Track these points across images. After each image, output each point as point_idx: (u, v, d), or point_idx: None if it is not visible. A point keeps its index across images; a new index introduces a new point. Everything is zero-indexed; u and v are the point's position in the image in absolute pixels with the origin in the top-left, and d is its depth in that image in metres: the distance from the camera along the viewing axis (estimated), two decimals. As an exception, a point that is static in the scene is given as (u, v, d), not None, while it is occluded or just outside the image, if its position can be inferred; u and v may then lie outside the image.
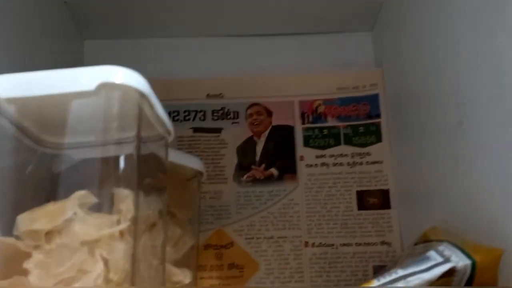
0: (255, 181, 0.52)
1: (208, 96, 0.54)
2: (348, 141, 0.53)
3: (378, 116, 0.53)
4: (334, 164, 0.52)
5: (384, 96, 0.53)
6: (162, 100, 0.34)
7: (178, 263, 0.42)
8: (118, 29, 0.55)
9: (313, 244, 0.49)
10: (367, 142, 0.53)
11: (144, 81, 0.32)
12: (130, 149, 0.32)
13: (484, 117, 0.32)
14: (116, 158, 0.32)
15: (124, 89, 0.31)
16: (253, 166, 0.52)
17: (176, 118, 0.53)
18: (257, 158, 0.53)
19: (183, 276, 0.41)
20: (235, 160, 0.53)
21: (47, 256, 0.28)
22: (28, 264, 0.28)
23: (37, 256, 0.28)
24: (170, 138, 0.38)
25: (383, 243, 0.49)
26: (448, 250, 0.30)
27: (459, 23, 0.36)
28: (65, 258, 0.28)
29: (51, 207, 0.29)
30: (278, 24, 0.56)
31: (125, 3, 0.51)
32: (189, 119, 0.54)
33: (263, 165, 0.52)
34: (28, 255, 0.28)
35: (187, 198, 0.45)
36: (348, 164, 0.52)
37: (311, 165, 0.52)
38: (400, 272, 0.29)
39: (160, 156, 0.38)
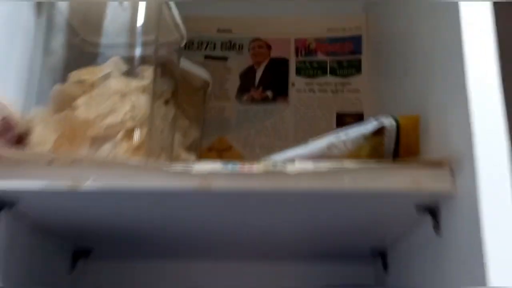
0: (253, 100, 0.63)
1: (218, 30, 0.65)
2: (333, 73, 0.63)
3: (360, 53, 0.64)
4: (320, 91, 0.63)
5: (367, 37, 0.64)
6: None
7: (187, 149, 0.53)
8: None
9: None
10: (348, 74, 0.63)
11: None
12: (151, 36, 0.43)
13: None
14: (140, 42, 0.43)
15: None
16: (252, 89, 0.63)
17: (191, 47, 0.64)
18: (256, 82, 0.63)
19: (189, 157, 0.52)
20: (237, 83, 0.64)
21: (90, 99, 0.39)
22: (77, 103, 0.39)
23: (83, 98, 0.39)
24: (182, 43, 0.49)
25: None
26: (383, 117, 0.41)
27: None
28: (102, 101, 0.39)
29: (93, 68, 0.41)
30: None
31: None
32: (201, 49, 0.65)
33: (260, 88, 0.63)
34: (76, 98, 0.40)
35: (195, 101, 0.56)
36: (332, 91, 0.63)
37: (300, 90, 0.63)
38: (345, 129, 0.40)
39: (173, 54, 0.49)
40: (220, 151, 0.61)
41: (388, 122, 0.40)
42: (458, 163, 0.34)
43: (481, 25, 0.34)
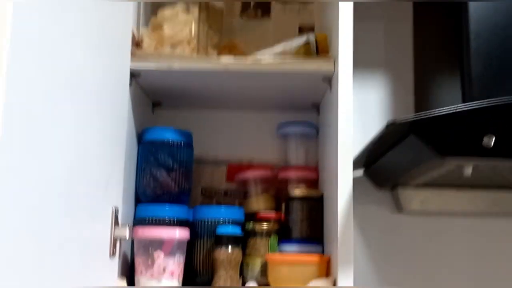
0: (249, 17, 1.04)
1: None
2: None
3: None
4: (289, 11, 1.04)
5: (319, -23, 1.04)
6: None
7: (212, 47, 0.96)
8: None
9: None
10: (307, 1, 1.04)
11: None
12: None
13: None
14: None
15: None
16: (248, 9, 1.05)
17: (212, -18, 1.04)
18: (252, 5, 1.05)
19: (213, 52, 0.96)
20: (240, 6, 1.05)
21: (169, 25, 0.82)
22: (164, 27, 0.82)
23: (166, 25, 0.82)
24: (211, -11, 0.90)
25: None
26: (310, 35, 0.83)
27: None
28: (176, 26, 0.82)
29: (170, 9, 0.83)
30: None
31: None
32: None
33: (255, 9, 1.05)
34: (163, 24, 0.82)
35: (216, 19, 0.98)
36: (296, 11, 1.04)
37: (278, 11, 1.04)
38: (292, 40, 0.83)
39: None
40: (230, 48, 1.04)
41: (311, 37, 0.83)
42: (336, 58, 0.77)
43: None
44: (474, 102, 0.59)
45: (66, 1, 0.52)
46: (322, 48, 0.84)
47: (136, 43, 0.82)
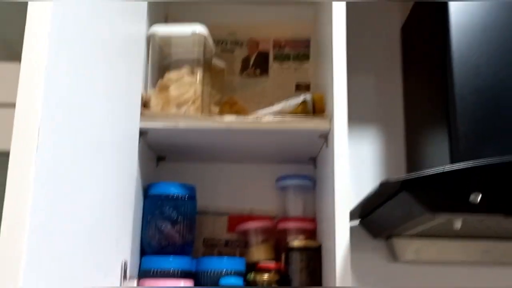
0: (248, 76, 1.11)
1: (229, 33, 1.13)
2: (294, 59, 1.11)
3: (309, 48, 1.11)
4: (286, 70, 1.11)
5: (313, 39, 1.11)
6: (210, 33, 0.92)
7: (214, 104, 1.02)
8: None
9: (273, 104, 1.09)
10: (303, 60, 1.11)
11: (206, 30, 0.90)
12: (200, 55, 0.91)
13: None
14: (196, 58, 0.91)
15: (199, 33, 0.90)
16: (248, 69, 1.11)
17: (214, 44, 1.11)
18: (250, 65, 1.11)
19: (215, 109, 1.01)
20: (240, 65, 1.11)
21: (175, 86, 0.88)
22: (170, 88, 0.88)
23: (172, 86, 0.88)
24: (213, 52, 0.97)
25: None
26: (307, 94, 0.89)
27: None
28: (181, 87, 0.88)
29: (176, 71, 0.89)
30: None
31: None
32: (219, 45, 1.12)
33: (253, 68, 1.11)
34: (168, 86, 0.88)
35: (218, 79, 1.05)
36: (293, 70, 1.11)
37: (275, 70, 1.11)
38: (289, 99, 0.89)
39: (209, 59, 0.97)
40: (231, 104, 1.10)
41: (308, 97, 0.89)
42: (332, 117, 0.83)
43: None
44: (461, 163, 0.64)
45: (89, 65, 0.58)
46: (319, 107, 0.90)
47: (144, 103, 0.88)
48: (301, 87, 1.10)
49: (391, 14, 1.14)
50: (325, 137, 0.87)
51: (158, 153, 1.02)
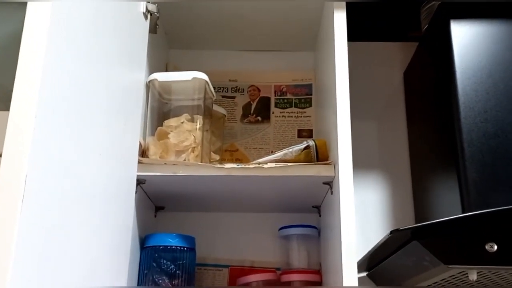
0: (250, 122, 1.09)
1: (229, 80, 1.12)
2: (296, 106, 1.10)
3: (311, 94, 1.10)
4: (288, 116, 1.09)
5: (314, 84, 1.10)
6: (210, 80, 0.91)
7: (214, 152, 0.99)
8: (189, 44, 1.12)
9: (273, 152, 1.06)
10: (305, 107, 1.09)
11: (206, 76, 0.88)
12: (201, 101, 0.89)
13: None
14: (196, 105, 0.89)
15: (200, 79, 0.88)
16: (249, 115, 1.10)
17: (214, 90, 1.10)
18: (252, 111, 1.10)
19: (216, 156, 0.99)
20: (240, 112, 1.10)
21: (174, 133, 0.86)
22: (169, 135, 0.86)
23: (172, 133, 0.86)
24: (214, 98, 0.95)
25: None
26: (310, 141, 0.87)
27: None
28: (180, 135, 0.86)
29: (175, 118, 0.87)
30: (268, 44, 1.12)
31: (195, 33, 1.08)
32: (219, 91, 1.11)
33: (254, 115, 1.09)
34: (168, 133, 0.86)
35: (219, 126, 1.03)
36: (295, 116, 1.09)
37: (277, 116, 1.09)
38: (291, 147, 0.87)
39: (210, 106, 0.95)
40: (231, 152, 1.08)
41: (311, 143, 0.87)
42: (336, 164, 0.80)
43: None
44: (475, 211, 0.61)
45: (84, 113, 0.55)
46: (322, 153, 0.87)
47: (143, 151, 0.85)
48: (304, 133, 1.08)
49: (393, 58, 1.13)
50: (330, 184, 0.84)
51: (157, 203, 0.99)
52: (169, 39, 1.10)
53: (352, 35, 0.85)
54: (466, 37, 0.85)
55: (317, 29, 1.06)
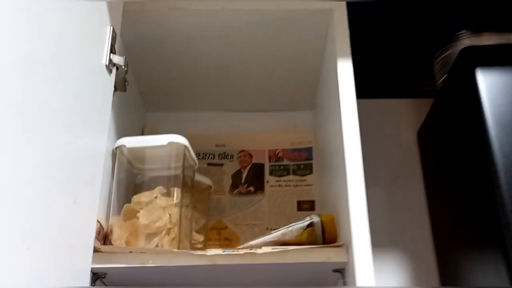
0: (241, 193, 0.92)
1: (216, 145, 0.96)
2: (294, 173, 0.93)
3: (311, 159, 0.94)
4: (286, 185, 0.93)
5: (315, 147, 0.94)
6: (192, 146, 0.75)
7: (197, 232, 0.82)
8: (169, 106, 0.98)
9: (271, 229, 0.89)
10: (304, 174, 0.93)
11: (186, 141, 0.73)
12: (179, 170, 0.73)
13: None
14: (173, 175, 0.73)
15: (178, 144, 0.72)
16: (240, 185, 0.93)
17: (198, 157, 0.94)
18: (243, 181, 0.93)
19: (199, 237, 0.81)
20: (230, 182, 0.93)
21: (145, 212, 0.69)
22: (138, 214, 0.68)
23: (142, 211, 0.69)
24: (196, 166, 0.79)
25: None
26: (314, 216, 0.70)
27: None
28: (153, 212, 0.69)
29: (147, 192, 0.70)
30: (260, 104, 0.97)
31: (174, 93, 0.94)
32: (205, 158, 0.95)
33: (245, 185, 0.93)
34: (137, 212, 0.69)
35: (203, 199, 0.86)
36: (293, 185, 0.93)
37: (272, 186, 0.93)
38: (292, 224, 0.70)
39: (191, 175, 0.79)
40: (219, 230, 0.90)
41: (316, 219, 0.70)
42: (348, 246, 0.63)
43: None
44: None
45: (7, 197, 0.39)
46: (330, 231, 0.70)
47: (105, 236, 0.68)
48: (304, 205, 0.91)
49: (403, 116, 0.99)
50: (342, 272, 0.66)
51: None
52: (145, 100, 0.96)
53: (356, 92, 0.70)
54: (496, 86, 0.70)
55: (316, 84, 0.92)
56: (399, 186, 0.93)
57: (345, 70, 0.71)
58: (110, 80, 0.68)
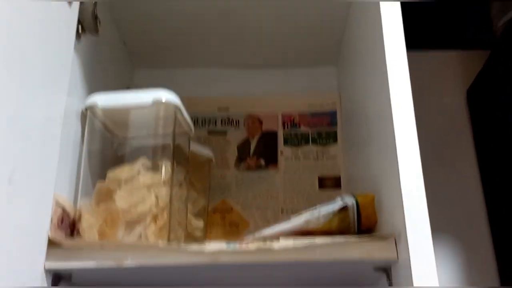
0: (249, 168, 0.75)
1: (219, 109, 0.79)
2: (314, 142, 0.76)
3: (335, 125, 0.77)
4: (304, 158, 0.75)
5: (340, 112, 0.77)
6: (188, 111, 0.58)
7: (195, 216, 0.65)
8: (161, 61, 0.80)
9: (286, 211, 0.72)
10: (327, 143, 0.76)
11: (177, 99, 0.55)
12: (168, 138, 0.56)
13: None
14: (161, 144, 0.55)
15: (166, 104, 0.55)
16: (248, 158, 0.76)
17: (196, 124, 0.77)
18: (251, 152, 0.76)
19: (198, 223, 0.65)
20: (235, 154, 0.76)
21: (125, 192, 0.52)
22: (115, 196, 0.52)
23: (119, 192, 0.52)
24: (191, 133, 0.62)
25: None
26: (347, 197, 0.53)
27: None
28: (134, 193, 0.52)
29: (126, 167, 0.53)
30: (272, 58, 0.79)
31: (167, 45, 0.76)
32: (205, 125, 0.78)
33: (255, 157, 0.76)
34: (113, 192, 0.52)
35: (202, 175, 0.69)
36: (314, 158, 0.75)
37: (288, 158, 0.76)
38: (317, 207, 0.53)
39: (185, 145, 0.61)
40: (223, 212, 0.73)
41: (350, 201, 0.53)
42: (398, 238, 0.46)
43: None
44: None
45: None
46: (368, 216, 0.53)
47: (72, 223, 0.51)
48: (327, 183, 0.74)
49: (451, 71, 0.81)
50: (387, 272, 0.50)
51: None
52: (131, 53, 0.78)
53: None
54: None
55: (342, 32, 0.74)
56: (445, 156, 0.76)
57: (391, 15, 0.53)
58: (69, 13, 0.50)
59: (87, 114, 0.56)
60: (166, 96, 0.55)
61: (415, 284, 0.42)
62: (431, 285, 0.42)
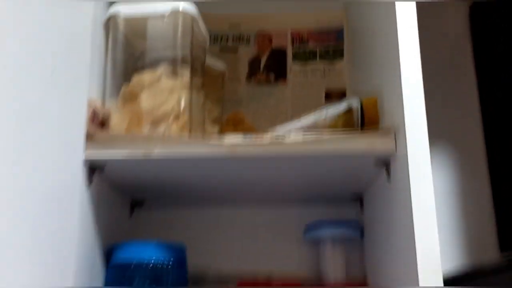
0: (259, 83, 0.80)
1: (230, 26, 0.82)
2: (322, 58, 0.80)
3: (342, 41, 0.80)
4: (312, 73, 0.80)
5: (346, 28, 0.80)
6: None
7: (212, 122, 0.71)
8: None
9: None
10: (333, 59, 0.80)
11: (195, 9, 0.59)
12: (186, 49, 0.60)
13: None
14: (180, 54, 0.59)
15: (184, 13, 0.59)
16: (258, 73, 0.80)
17: (210, 41, 0.80)
18: (261, 68, 0.80)
19: (213, 128, 0.70)
20: (246, 69, 0.80)
21: (149, 94, 0.57)
22: (140, 98, 0.57)
23: (143, 94, 0.57)
24: (207, 46, 0.66)
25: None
26: (352, 99, 0.58)
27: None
28: (157, 95, 0.57)
29: (149, 72, 0.58)
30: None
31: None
32: (216, 42, 0.81)
33: (264, 73, 0.80)
34: (138, 94, 0.57)
35: (216, 87, 0.73)
36: (320, 73, 0.80)
37: (296, 73, 0.80)
38: (325, 108, 0.58)
39: (201, 56, 0.65)
40: (235, 123, 0.78)
41: (354, 103, 0.58)
42: (398, 132, 0.51)
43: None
44: None
45: None
46: (370, 117, 0.58)
47: (101, 122, 0.56)
48: (333, 95, 0.79)
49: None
50: (386, 164, 0.55)
51: (130, 196, 0.70)
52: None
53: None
54: None
55: None
56: (445, 74, 0.80)
57: None
58: None
59: (110, 25, 0.60)
60: (182, 6, 0.59)
61: (411, 176, 0.48)
62: (426, 177, 0.48)
